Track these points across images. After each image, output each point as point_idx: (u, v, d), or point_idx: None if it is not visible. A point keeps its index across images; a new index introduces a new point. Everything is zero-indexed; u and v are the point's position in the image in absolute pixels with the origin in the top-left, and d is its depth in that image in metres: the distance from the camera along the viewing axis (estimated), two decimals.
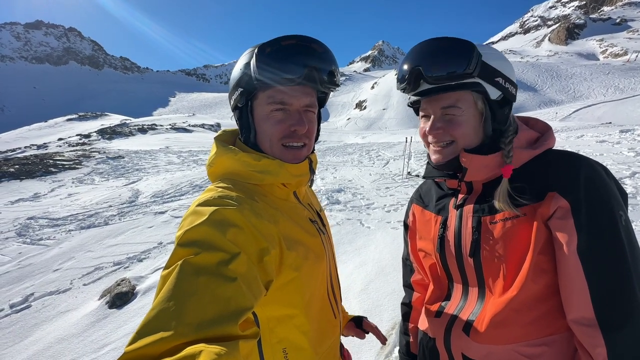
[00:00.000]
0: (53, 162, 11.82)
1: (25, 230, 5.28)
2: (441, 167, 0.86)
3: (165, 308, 0.47)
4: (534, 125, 0.87)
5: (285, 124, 0.76)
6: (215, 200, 0.64)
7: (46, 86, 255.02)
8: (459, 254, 0.84)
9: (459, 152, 0.82)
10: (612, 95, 50.53)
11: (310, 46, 0.74)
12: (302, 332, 0.76)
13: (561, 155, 0.76)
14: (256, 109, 0.77)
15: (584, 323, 0.67)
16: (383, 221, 4.75)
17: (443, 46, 0.79)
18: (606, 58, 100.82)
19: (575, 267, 0.67)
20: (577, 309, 0.68)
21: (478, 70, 0.75)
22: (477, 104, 0.79)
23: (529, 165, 0.78)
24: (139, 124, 29.47)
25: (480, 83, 0.77)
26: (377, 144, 17.91)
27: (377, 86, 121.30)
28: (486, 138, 0.81)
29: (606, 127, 15.55)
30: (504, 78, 0.79)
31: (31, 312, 3.02)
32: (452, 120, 0.80)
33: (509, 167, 0.76)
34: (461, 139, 0.81)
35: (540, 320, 0.74)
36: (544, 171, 0.75)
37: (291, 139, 0.77)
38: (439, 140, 0.83)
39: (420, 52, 0.80)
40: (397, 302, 2.62)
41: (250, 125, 0.79)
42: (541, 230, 0.72)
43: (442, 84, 0.78)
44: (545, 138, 0.81)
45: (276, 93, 0.74)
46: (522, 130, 0.82)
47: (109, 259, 4.01)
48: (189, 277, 0.51)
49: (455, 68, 0.75)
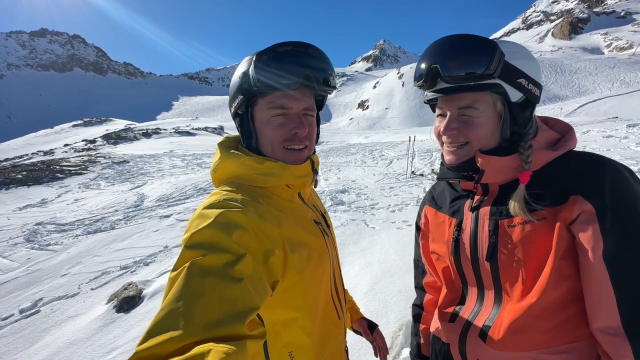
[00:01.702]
0: (59, 167, 11.97)
1: (34, 235, 5.35)
2: (455, 169, 0.83)
3: (174, 309, 0.48)
4: (554, 125, 0.84)
5: (285, 127, 0.77)
6: (221, 203, 0.66)
7: (52, 93, 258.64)
8: (475, 258, 0.82)
9: (473, 154, 0.79)
10: (618, 90, 49.92)
11: (306, 51, 0.76)
12: (307, 335, 0.76)
13: (584, 157, 0.73)
14: (256, 115, 0.79)
15: (609, 332, 0.64)
16: (388, 221, 4.73)
17: (463, 44, 0.75)
18: (611, 52, 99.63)
19: (601, 273, 0.64)
20: (603, 318, 0.65)
21: (499, 71, 0.72)
22: (496, 105, 0.76)
23: (550, 167, 0.74)
24: (143, 129, 29.74)
25: (500, 84, 0.73)
26: (380, 144, 17.88)
27: (379, 85, 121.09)
28: (503, 141, 0.78)
29: (613, 121, 15.37)
30: (527, 79, 0.75)
31: (40, 317, 3.05)
32: (469, 121, 0.77)
33: (526, 172, 0.73)
34: (476, 141, 0.78)
35: (561, 328, 0.72)
36: (566, 173, 0.72)
37: (292, 141, 0.79)
38: (454, 141, 0.80)
39: (439, 50, 0.77)
40: (403, 303, 2.60)
41: (251, 131, 0.80)
42: (563, 235, 0.69)
43: (459, 84, 0.75)
44: (566, 139, 0.77)
45: (275, 98, 0.76)
46: (541, 130, 0.78)
47: (115, 263, 4.04)
48: (197, 279, 0.52)
49: (475, 68, 0.72)
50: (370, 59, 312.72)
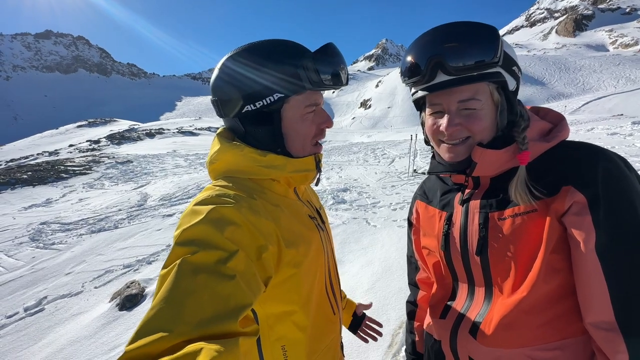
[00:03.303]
0: (64, 168, 12.08)
1: (38, 235, 5.40)
2: (454, 165, 0.80)
3: (165, 307, 0.47)
4: (545, 115, 0.82)
5: (316, 122, 0.80)
6: (213, 199, 0.65)
7: (57, 94, 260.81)
8: (465, 252, 0.80)
9: (473, 148, 0.76)
10: (623, 87, 49.36)
11: (339, 51, 0.80)
12: (301, 329, 0.76)
13: (577, 147, 0.71)
14: (287, 113, 0.76)
15: (603, 327, 0.62)
16: (389, 220, 4.72)
17: (468, 32, 0.70)
18: (616, 49, 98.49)
19: (593, 267, 0.62)
20: (596, 312, 0.63)
21: (502, 58, 0.70)
22: (493, 95, 0.74)
23: (542, 158, 0.73)
24: (147, 129, 29.91)
25: (501, 72, 0.72)
26: (382, 143, 17.83)
27: (381, 84, 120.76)
28: (499, 131, 0.76)
29: (617, 119, 15.20)
30: (517, 66, 0.75)
31: (45, 315, 3.08)
32: (472, 114, 0.73)
33: (525, 153, 0.70)
34: (479, 134, 0.74)
35: (554, 323, 0.70)
36: (558, 164, 0.70)
37: (321, 136, 0.83)
38: (456, 137, 0.76)
39: (440, 39, 0.72)
40: (404, 301, 2.59)
41: (274, 130, 0.76)
42: (554, 227, 0.67)
43: (465, 74, 0.70)
44: (559, 129, 0.75)
45: (312, 95, 0.77)
46: (533, 121, 0.76)
47: (119, 262, 4.08)
48: (188, 276, 0.51)
49: (484, 56, 0.68)
50: (373, 58, 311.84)
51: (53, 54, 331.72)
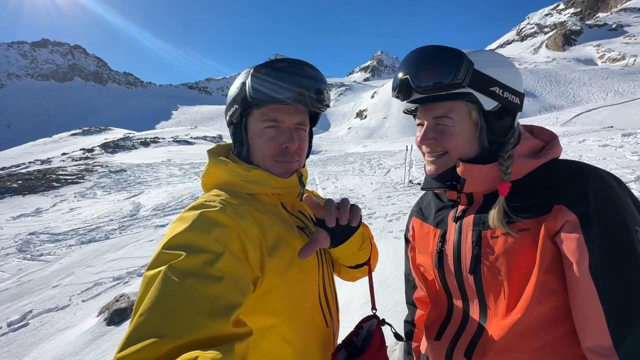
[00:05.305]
0: (56, 176, 11.90)
1: (26, 245, 5.26)
2: (436, 179, 0.82)
3: (154, 312, 0.46)
4: (539, 133, 0.82)
5: (277, 141, 0.79)
6: (200, 206, 0.67)
7: (51, 102, 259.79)
8: (458, 270, 0.78)
9: (453, 163, 0.78)
10: (612, 100, 50.67)
11: (302, 69, 0.78)
12: (287, 342, 0.72)
13: (568, 165, 0.71)
14: (250, 125, 0.81)
15: (601, 353, 0.59)
16: (385, 231, 4.69)
17: (430, 55, 0.76)
18: (604, 63, 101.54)
19: (587, 288, 0.60)
20: (593, 336, 0.60)
21: (468, 79, 0.71)
22: (472, 114, 0.75)
23: (533, 175, 0.72)
24: (142, 137, 29.79)
25: (472, 93, 0.72)
26: (378, 153, 17.94)
27: (377, 95, 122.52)
28: (483, 150, 0.77)
29: (608, 131, 15.51)
30: (501, 87, 0.73)
31: (29, 330, 2.97)
32: (444, 130, 0.77)
33: (506, 184, 0.71)
34: (454, 150, 0.77)
35: (551, 347, 0.67)
36: (549, 182, 0.69)
37: (283, 156, 0.81)
38: (432, 151, 0.80)
39: (410, 61, 0.78)
40: (400, 316, 2.54)
41: (243, 139, 0.83)
42: (547, 247, 0.65)
43: (431, 94, 0.75)
44: (550, 147, 0.75)
45: (269, 111, 0.78)
46: (524, 139, 0.77)
47: (108, 274, 3.97)
48: (175, 281, 0.51)
49: (442, 78, 0.72)
50: (368, 70, 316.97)
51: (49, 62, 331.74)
